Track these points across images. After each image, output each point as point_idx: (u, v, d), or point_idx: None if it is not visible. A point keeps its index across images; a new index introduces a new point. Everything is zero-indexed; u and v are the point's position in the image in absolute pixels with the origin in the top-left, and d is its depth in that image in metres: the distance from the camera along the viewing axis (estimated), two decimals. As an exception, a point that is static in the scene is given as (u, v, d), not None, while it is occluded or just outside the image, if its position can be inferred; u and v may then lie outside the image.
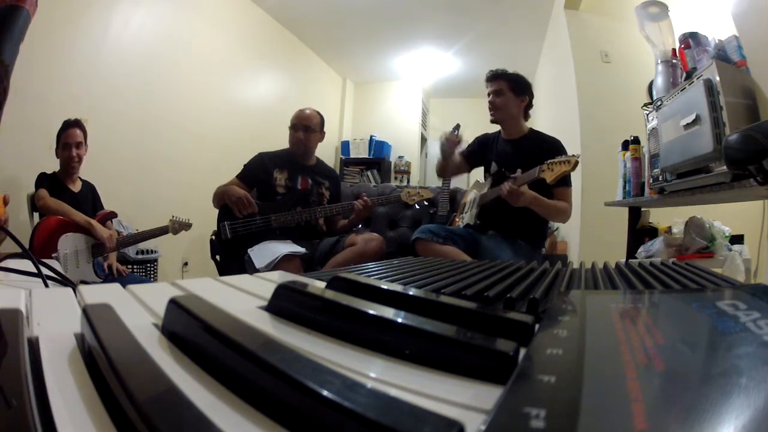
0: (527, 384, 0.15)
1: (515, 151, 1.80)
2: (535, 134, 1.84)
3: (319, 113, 2.04)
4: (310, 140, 1.98)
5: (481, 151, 1.95)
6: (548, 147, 1.73)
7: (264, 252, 1.69)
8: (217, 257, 1.94)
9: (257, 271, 1.63)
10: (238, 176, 1.95)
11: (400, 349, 0.22)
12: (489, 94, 1.82)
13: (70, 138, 1.81)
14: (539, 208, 1.64)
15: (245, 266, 1.76)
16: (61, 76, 2.08)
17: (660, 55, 1.71)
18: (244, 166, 1.98)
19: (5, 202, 1.31)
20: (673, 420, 0.11)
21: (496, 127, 1.90)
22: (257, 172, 1.94)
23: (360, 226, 2.18)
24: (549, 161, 1.55)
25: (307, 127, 1.96)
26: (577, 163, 1.51)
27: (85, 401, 0.16)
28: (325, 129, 2.08)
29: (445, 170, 2.03)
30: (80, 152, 1.84)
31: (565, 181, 1.62)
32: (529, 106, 1.84)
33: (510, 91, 1.78)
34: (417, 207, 2.25)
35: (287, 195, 1.92)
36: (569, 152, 1.75)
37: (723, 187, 1.19)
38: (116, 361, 0.17)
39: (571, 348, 0.18)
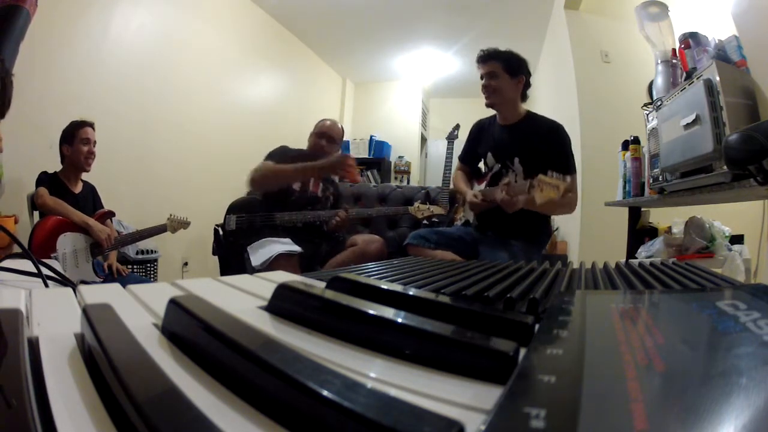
0: (527, 384, 0.15)
1: (512, 137, 1.69)
2: (532, 117, 1.69)
3: (342, 128, 2.14)
4: (331, 150, 2.05)
5: (476, 146, 1.84)
6: (547, 132, 1.62)
7: (261, 250, 1.69)
8: (221, 249, 1.96)
9: (254, 268, 1.63)
10: (269, 158, 1.96)
11: (400, 349, 0.22)
12: (482, 77, 1.69)
13: (90, 134, 1.86)
14: (539, 208, 1.57)
15: (245, 264, 1.76)
16: (61, 76, 2.08)
17: (660, 55, 1.71)
18: (271, 153, 2.00)
19: (15, 222, 1.33)
20: (673, 420, 0.11)
21: (490, 111, 1.79)
22: (284, 158, 1.95)
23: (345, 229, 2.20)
24: (541, 180, 1.40)
25: (331, 138, 2.04)
26: (566, 190, 1.38)
27: (85, 401, 0.16)
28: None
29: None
30: (95, 150, 1.89)
31: (568, 168, 1.53)
32: (527, 86, 1.69)
33: (505, 72, 1.65)
34: (425, 222, 2.25)
35: (300, 195, 1.95)
36: (569, 134, 1.64)
37: (723, 187, 1.19)
38: (116, 361, 0.17)
39: (571, 348, 0.18)
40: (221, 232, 1.95)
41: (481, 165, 1.87)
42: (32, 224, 1.72)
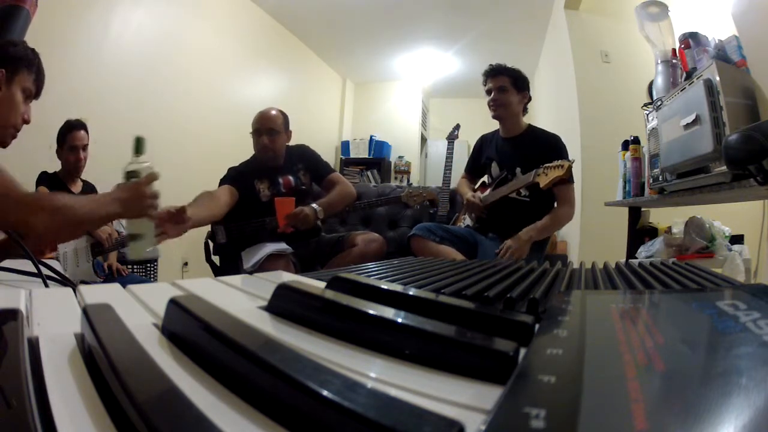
0: (527, 384, 0.15)
1: (514, 149, 1.78)
2: (533, 131, 1.81)
3: (282, 112, 1.87)
4: (276, 143, 1.82)
5: (480, 157, 1.94)
6: (547, 144, 1.71)
7: (252, 253, 1.68)
8: (213, 260, 1.94)
9: (246, 271, 1.62)
10: (223, 184, 1.82)
11: (400, 349, 0.22)
12: (490, 91, 1.77)
13: (77, 140, 1.82)
14: (546, 233, 1.65)
15: (239, 269, 1.74)
16: (61, 76, 2.07)
17: (660, 55, 1.71)
18: (220, 180, 1.85)
19: None
20: (673, 420, 0.11)
21: (492, 126, 1.89)
22: (236, 182, 1.82)
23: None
24: (545, 165, 1.53)
25: (271, 130, 1.80)
26: (570, 167, 1.50)
27: (85, 401, 0.16)
28: (321, 128, 2.00)
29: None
30: (86, 155, 1.86)
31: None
32: (529, 100, 1.82)
33: (513, 87, 1.75)
34: (417, 207, 2.23)
35: (273, 197, 1.81)
36: (568, 148, 1.74)
37: (723, 187, 1.19)
38: (116, 361, 0.17)
39: (571, 348, 0.18)
40: (212, 245, 1.88)
41: (486, 178, 1.95)
42: (32, 224, 1.72)
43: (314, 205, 1.73)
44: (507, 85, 1.74)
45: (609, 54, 2.66)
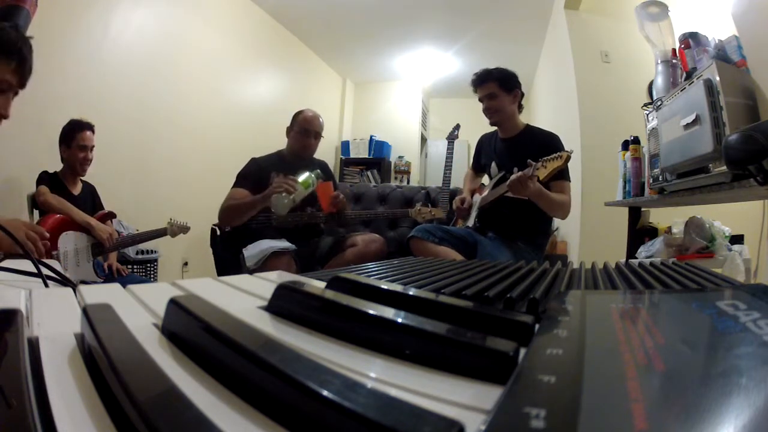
0: (527, 384, 0.15)
1: (511, 149, 1.79)
2: (530, 130, 1.81)
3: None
4: (317, 146, 1.99)
5: (480, 159, 1.96)
6: (544, 143, 1.70)
7: (255, 250, 1.69)
8: (217, 248, 1.95)
9: (248, 269, 1.63)
10: (237, 185, 1.85)
11: (400, 349, 0.22)
12: (481, 99, 1.80)
13: (87, 140, 1.85)
14: (542, 201, 1.59)
15: (241, 266, 1.75)
16: (61, 76, 2.08)
17: (660, 55, 1.71)
18: (240, 174, 1.89)
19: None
20: (673, 420, 0.11)
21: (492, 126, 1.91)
22: (254, 177, 1.85)
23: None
24: (543, 159, 1.51)
25: (319, 134, 1.96)
26: (569, 158, 1.48)
27: (85, 401, 0.16)
28: (325, 129, 2.07)
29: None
30: (92, 156, 1.88)
31: (562, 174, 1.59)
32: (522, 97, 1.82)
33: (502, 90, 1.75)
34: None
35: None
36: (566, 146, 1.74)
37: (723, 187, 1.19)
38: (116, 361, 0.17)
39: (571, 348, 0.18)
40: (218, 233, 1.93)
41: (486, 180, 1.97)
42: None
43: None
44: (495, 91, 1.76)
45: (609, 54, 2.66)
